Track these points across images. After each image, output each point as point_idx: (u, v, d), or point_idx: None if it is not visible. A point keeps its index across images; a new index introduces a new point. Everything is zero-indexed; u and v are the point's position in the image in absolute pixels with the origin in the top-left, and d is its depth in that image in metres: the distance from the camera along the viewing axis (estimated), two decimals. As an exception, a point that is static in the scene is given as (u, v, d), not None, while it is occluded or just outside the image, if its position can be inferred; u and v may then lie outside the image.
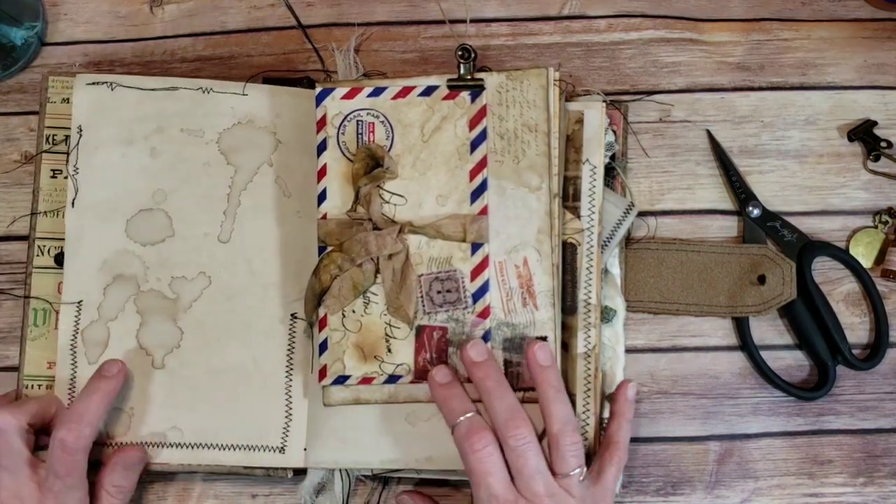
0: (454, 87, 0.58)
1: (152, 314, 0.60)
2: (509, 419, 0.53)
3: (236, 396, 0.60)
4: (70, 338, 0.60)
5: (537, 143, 0.58)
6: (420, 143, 0.58)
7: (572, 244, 0.59)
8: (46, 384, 0.61)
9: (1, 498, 0.54)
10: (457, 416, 0.54)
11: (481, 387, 0.54)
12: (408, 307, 0.57)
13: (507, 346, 0.57)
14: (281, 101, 0.62)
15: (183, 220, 0.61)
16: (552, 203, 0.57)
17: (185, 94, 0.61)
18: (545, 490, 0.52)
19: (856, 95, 0.65)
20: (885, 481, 0.62)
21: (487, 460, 0.52)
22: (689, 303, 0.62)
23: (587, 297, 0.59)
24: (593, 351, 0.59)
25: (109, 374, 0.58)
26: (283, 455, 0.59)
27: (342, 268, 0.57)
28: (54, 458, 0.55)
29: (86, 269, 0.60)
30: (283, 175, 0.61)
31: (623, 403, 0.58)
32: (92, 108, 0.61)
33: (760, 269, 0.62)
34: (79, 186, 0.61)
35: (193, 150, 0.61)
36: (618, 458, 0.56)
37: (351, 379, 0.57)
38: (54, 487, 0.55)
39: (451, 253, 0.57)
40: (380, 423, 0.58)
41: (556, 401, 0.54)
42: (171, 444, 0.59)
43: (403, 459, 0.58)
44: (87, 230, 0.61)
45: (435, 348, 0.57)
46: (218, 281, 0.60)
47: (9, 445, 0.55)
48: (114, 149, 0.61)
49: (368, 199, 0.57)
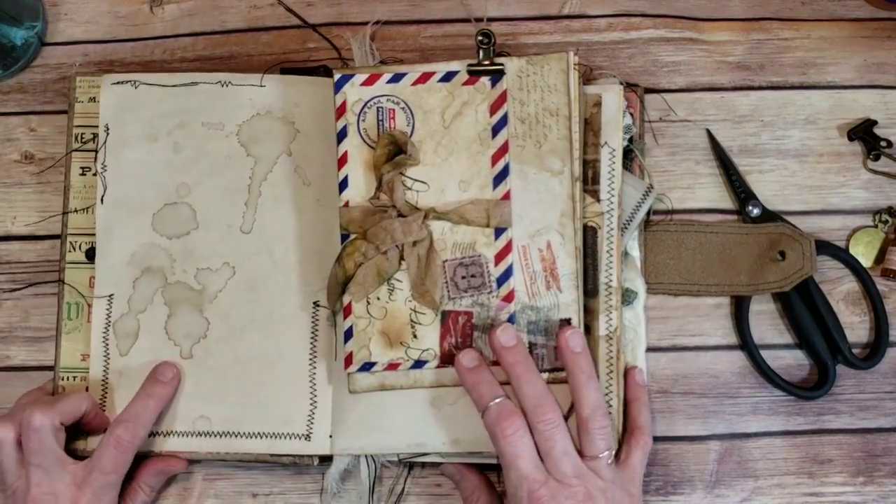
0: (474, 72, 0.58)
1: (179, 305, 0.61)
2: (539, 405, 0.54)
3: (261, 385, 0.60)
4: (102, 330, 0.61)
5: (559, 127, 0.58)
6: (441, 128, 0.58)
7: (593, 227, 0.59)
8: (81, 375, 0.62)
9: (34, 495, 0.55)
10: (487, 401, 0.54)
11: (511, 372, 0.55)
12: (434, 293, 0.57)
13: (532, 329, 0.57)
14: (298, 90, 0.62)
15: (206, 212, 0.62)
16: (574, 187, 0.57)
17: (204, 89, 0.62)
18: (573, 471, 0.53)
19: (856, 95, 0.65)
20: (885, 480, 0.62)
21: (518, 443, 0.53)
22: (709, 283, 0.63)
23: (608, 280, 0.59)
24: (615, 333, 0.59)
25: (165, 380, 0.59)
26: (308, 442, 0.60)
27: (366, 255, 0.57)
28: (106, 454, 0.56)
29: (116, 264, 0.62)
30: (302, 164, 0.62)
31: (636, 389, 0.59)
32: (118, 106, 0.62)
33: (780, 245, 0.62)
34: (107, 183, 0.62)
35: (215, 143, 0.62)
36: (643, 442, 0.57)
37: (377, 365, 0.58)
38: (95, 483, 0.56)
39: (474, 238, 0.57)
40: (405, 408, 0.59)
41: (588, 386, 0.55)
42: (200, 433, 0.60)
43: (430, 443, 0.58)
44: (116, 225, 0.62)
45: (460, 333, 0.57)
46: (242, 271, 0.61)
47: (42, 444, 0.55)
48: (139, 145, 0.62)
49: (391, 185, 0.57)
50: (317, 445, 0.60)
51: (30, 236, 0.65)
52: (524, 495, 0.52)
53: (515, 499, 0.53)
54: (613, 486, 0.54)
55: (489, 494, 0.59)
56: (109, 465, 0.56)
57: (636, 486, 0.56)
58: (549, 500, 0.52)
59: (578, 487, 0.52)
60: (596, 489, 0.53)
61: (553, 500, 0.52)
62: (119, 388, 0.61)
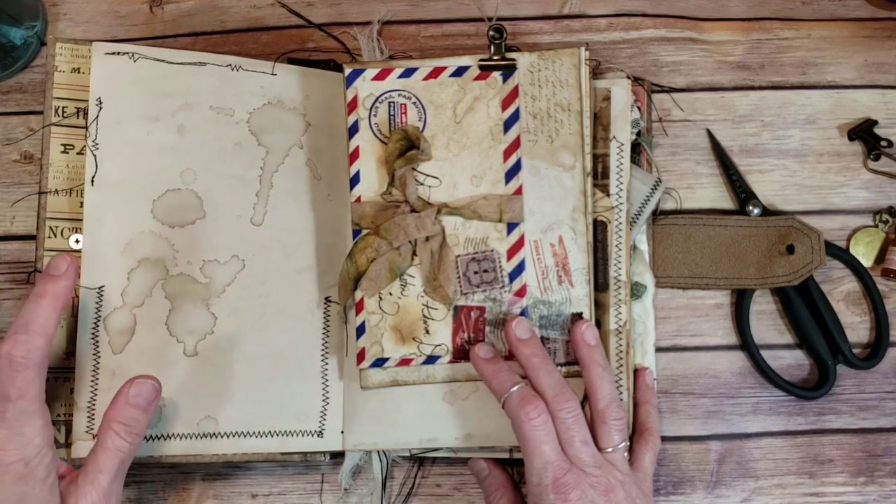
0: (486, 67, 0.58)
1: (183, 300, 0.58)
2: (559, 393, 0.54)
3: (273, 382, 0.58)
4: (91, 325, 0.57)
5: (570, 122, 0.58)
6: (453, 123, 0.58)
7: (603, 222, 0.60)
8: (64, 376, 0.58)
9: None
10: (508, 387, 0.54)
11: (528, 363, 0.55)
12: (447, 288, 0.57)
13: (544, 324, 0.58)
14: (309, 82, 0.61)
15: (214, 201, 0.59)
16: (585, 182, 0.58)
17: (213, 71, 0.59)
18: (594, 461, 0.53)
19: (856, 95, 0.65)
20: (886, 480, 0.62)
21: (543, 428, 0.53)
22: (718, 276, 0.63)
23: (617, 274, 0.60)
24: (624, 327, 0.59)
25: (58, 273, 0.51)
26: (321, 439, 0.59)
27: (379, 251, 0.57)
28: (3, 377, 0.47)
29: (108, 252, 0.57)
30: (314, 158, 0.61)
31: (645, 391, 0.60)
32: (112, 79, 0.58)
33: (789, 239, 0.62)
34: (99, 163, 0.58)
35: (224, 129, 0.59)
36: (652, 443, 0.58)
37: (389, 361, 0.58)
38: (7, 414, 0.47)
39: (486, 233, 0.57)
40: (417, 403, 0.58)
41: (603, 379, 0.55)
42: (205, 435, 0.58)
43: (442, 438, 0.58)
44: (109, 210, 0.57)
45: (472, 328, 0.58)
46: (252, 265, 0.59)
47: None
48: (138, 125, 0.58)
49: (404, 181, 0.57)
50: (329, 442, 0.59)
51: (29, 236, 0.65)
52: (549, 482, 0.52)
53: (539, 487, 0.52)
54: (629, 479, 0.54)
55: (513, 492, 0.59)
56: (13, 391, 0.47)
57: (648, 487, 0.57)
58: (575, 488, 0.52)
59: (601, 477, 0.52)
60: (615, 480, 0.53)
61: (578, 488, 0.52)
62: (112, 389, 0.56)
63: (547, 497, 0.52)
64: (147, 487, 0.62)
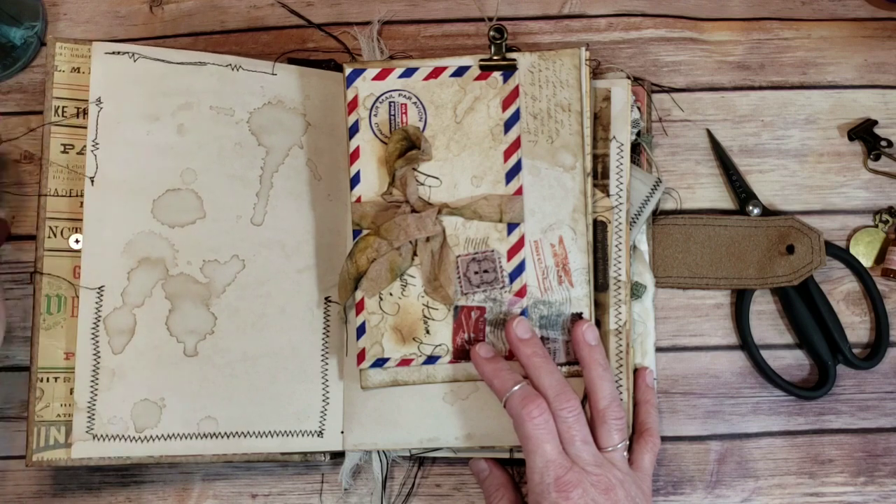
0: (486, 67, 0.58)
1: (183, 300, 0.58)
2: (560, 392, 0.54)
3: (273, 383, 0.59)
4: (91, 325, 0.57)
5: (571, 122, 0.58)
6: (453, 124, 0.58)
7: (603, 222, 0.60)
8: (64, 376, 0.58)
9: None
10: (510, 386, 0.54)
11: (529, 363, 0.55)
12: (447, 288, 0.57)
13: (544, 324, 0.58)
14: (309, 82, 0.61)
15: (214, 201, 0.59)
16: (585, 182, 0.58)
17: (213, 70, 0.60)
18: (594, 460, 0.53)
19: (856, 94, 0.65)
20: (886, 480, 0.62)
21: (544, 427, 0.53)
22: (718, 276, 0.63)
23: (617, 274, 0.60)
24: (624, 327, 0.59)
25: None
26: (321, 439, 0.59)
27: (379, 251, 0.57)
28: None
29: (108, 252, 0.57)
30: (314, 158, 0.61)
31: (645, 391, 0.60)
32: (112, 79, 0.58)
33: (788, 239, 0.62)
34: (99, 163, 0.58)
35: (224, 129, 0.59)
36: (651, 443, 0.58)
37: (390, 361, 0.58)
38: None
39: (487, 233, 0.57)
40: (417, 403, 0.58)
41: (603, 378, 0.55)
42: (205, 435, 0.58)
43: (443, 438, 0.58)
44: (109, 210, 0.58)
45: (473, 328, 0.58)
46: (252, 265, 0.59)
47: None
48: (138, 124, 0.58)
49: (404, 181, 0.57)
50: (329, 442, 0.59)
51: (29, 236, 0.65)
52: (551, 481, 0.52)
53: (541, 486, 0.52)
54: (629, 478, 0.54)
55: (513, 492, 0.59)
56: None
57: (648, 486, 0.57)
58: (576, 486, 0.52)
59: (601, 476, 0.53)
60: (615, 479, 0.53)
61: (580, 486, 0.52)
62: (111, 389, 0.57)
63: (549, 496, 0.52)
64: (147, 487, 0.62)
